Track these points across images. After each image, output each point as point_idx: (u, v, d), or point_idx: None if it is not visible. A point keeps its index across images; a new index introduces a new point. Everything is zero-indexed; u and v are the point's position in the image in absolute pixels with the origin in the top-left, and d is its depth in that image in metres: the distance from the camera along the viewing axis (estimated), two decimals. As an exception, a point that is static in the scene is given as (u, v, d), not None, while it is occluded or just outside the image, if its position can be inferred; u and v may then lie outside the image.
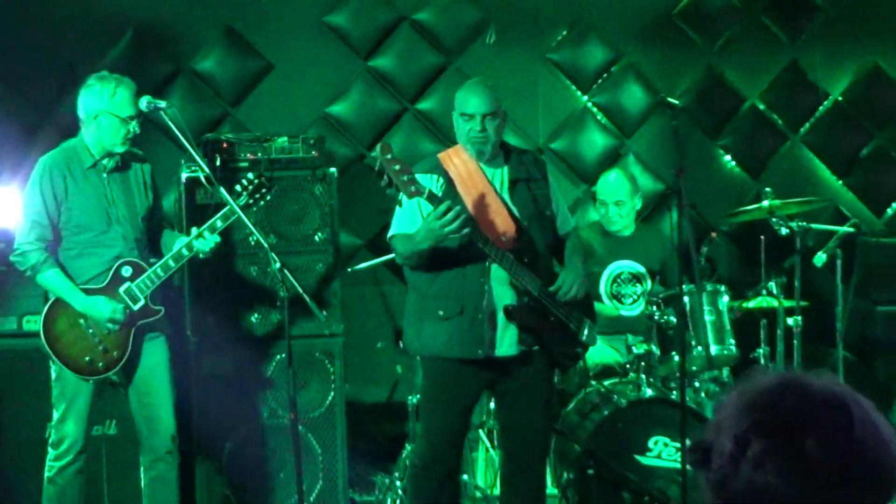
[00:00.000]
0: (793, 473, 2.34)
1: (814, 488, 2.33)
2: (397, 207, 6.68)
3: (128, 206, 7.15)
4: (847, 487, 2.35)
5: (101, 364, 7.03)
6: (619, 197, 8.65)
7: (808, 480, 2.34)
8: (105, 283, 7.02)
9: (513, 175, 6.82)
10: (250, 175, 7.23)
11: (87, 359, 7.02)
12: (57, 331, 7.01)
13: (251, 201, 7.13)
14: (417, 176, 6.39)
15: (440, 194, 6.46)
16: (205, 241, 6.98)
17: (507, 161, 6.86)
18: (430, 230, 6.34)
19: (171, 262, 7.04)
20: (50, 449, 7.14)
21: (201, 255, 7.03)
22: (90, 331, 7.01)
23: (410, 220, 6.59)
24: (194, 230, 7.04)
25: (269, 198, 7.33)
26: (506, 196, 6.76)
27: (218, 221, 7.00)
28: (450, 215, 6.23)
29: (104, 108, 6.98)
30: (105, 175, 7.11)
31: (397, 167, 6.23)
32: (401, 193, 6.30)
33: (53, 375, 7.10)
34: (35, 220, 6.98)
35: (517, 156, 6.95)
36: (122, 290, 7.02)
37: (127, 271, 7.04)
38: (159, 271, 7.04)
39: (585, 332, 6.93)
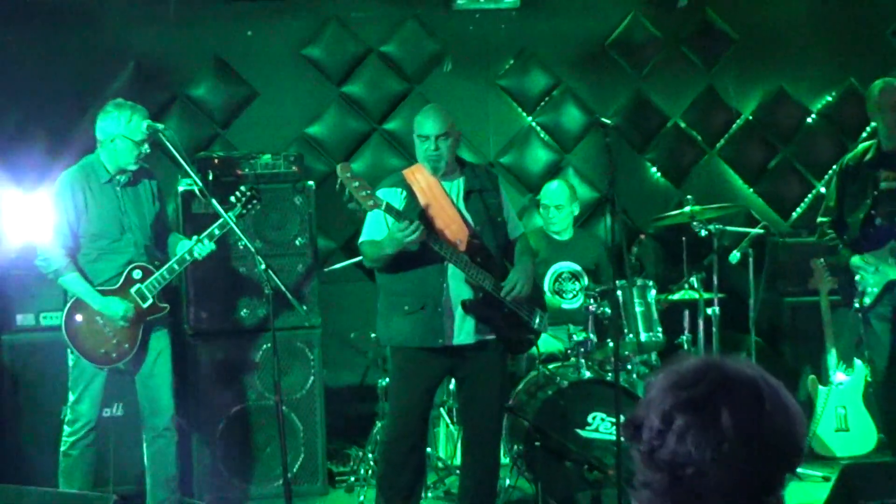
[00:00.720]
0: (711, 444, 2.34)
1: (729, 457, 2.34)
2: (367, 218, 6.73)
3: (138, 216, 7.18)
4: (758, 456, 2.36)
5: (114, 355, 7.05)
6: (559, 202, 8.68)
7: (724, 450, 2.34)
8: (118, 285, 7.04)
9: (467, 186, 6.85)
10: (243, 188, 7.27)
11: (102, 351, 7.04)
12: (76, 326, 7.02)
13: (244, 211, 7.17)
14: (382, 190, 6.54)
15: (403, 205, 6.55)
16: (203, 246, 7.02)
17: (463, 174, 6.88)
18: (394, 239, 6.43)
19: (175, 266, 7.08)
20: (66, 427, 7.14)
21: (199, 258, 7.07)
22: (105, 327, 7.02)
23: (378, 228, 6.65)
24: (194, 238, 7.05)
25: (259, 207, 7.34)
26: (461, 205, 6.79)
27: (215, 230, 7.03)
28: (410, 228, 6.32)
29: (120, 132, 7.02)
30: (119, 189, 7.13)
31: (356, 184, 6.35)
32: (361, 206, 6.38)
33: (71, 363, 7.11)
34: (59, 229, 7.00)
35: (471, 170, 6.98)
36: (132, 290, 7.04)
37: (137, 274, 7.07)
38: (165, 273, 7.07)
39: (537, 320, 6.97)
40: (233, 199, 7.17)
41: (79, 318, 7.03)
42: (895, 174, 7.87)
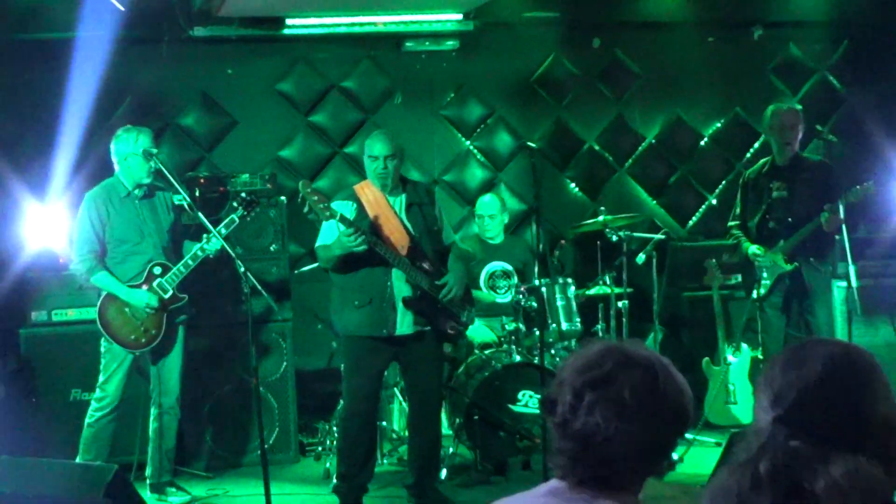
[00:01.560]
0: (615, 416, 2.37)
1: (630, 426, 2.37)
2: (321, 227, 6.78)
3: (155, 223, 7.23)
4: (654, 424, 2.39)
5: (143, 340, 7.11)
6: (491, 212, 8.70)
7: (627, 421, 2.37)
8: (142, 281, 7.08)
9: (408, 200, 6.90)
10: (243, 194, 7.34)
11: (132, 337, 7.07)
12: (108, 317, 7.06)
13: (245, 213, 7.22)
14: (336, 202, 6.57)
15: (354, 215, 6.60)
16: (214, 242, 7.04)
17: (405, 191, 6.92)
18: (342, 244, 6.49)
19: (190, 262, 7.14)
20: (94, 402, 7.17)
21: (211, 255, 7.12)
22: (133, 316, 7.06)
23: (330, 235, 6.69)
24: (205, 236, 7.07)
25: (258, 210, 7.40)
26: (403, 216, 6.84)
27: (222, 229, 7.05)
28: (356, 235, 6.40)
29: (131, 151, 7.06)
30: (137, 202, 7.18)
31: (315, 198, 6.42)
32: (319, 216, 6.44)
33: (103, 349, 7.13)
34: (86, 238, 7.06)
35: (412, 186, 7.03)
36: (154, 284, 7.09)
37: (157, 270, 7.13)
38: (181, 268, 7.13)
39: (465, 314, 7.04)
40: (235, 203, 7.24)
41: (110, 310, 7.05)
42: (785, 185, 7.94)
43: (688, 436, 7.32)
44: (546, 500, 2.44)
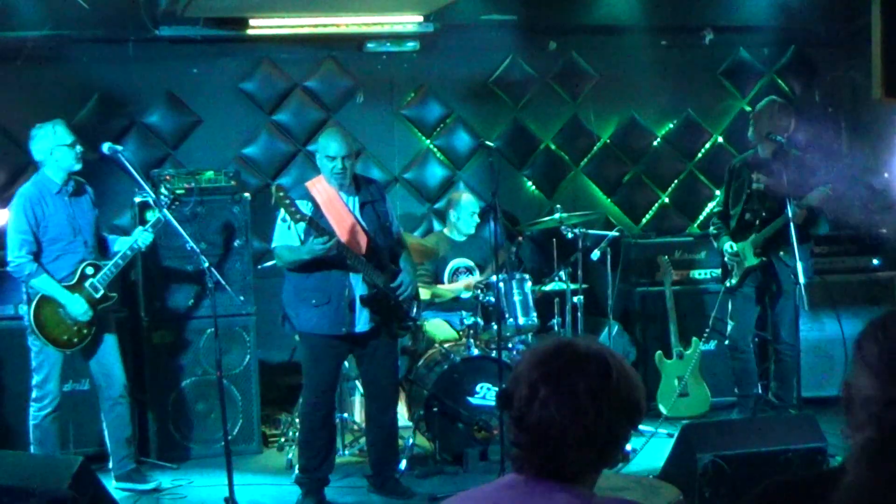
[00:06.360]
0: (569, 409, 2.36)
1: (585, 419, 2.36)
2: (276, 226, 6.74)
3: (85, 219, 7.13)
4: (607, 418, 2.38)
5: (75, 339, 7.02)
6: (474, 209, 8.76)
7: (580, 414, 2.36)
8: (74, 281, 6.99)
9: (362, 199, 6.91)
10: (164, 194, 7.26)
11: (65, 337, 7.00)
12: (43, 318, 6.96)
13: (173, 207, 7.13)
14: (298, 203, 6.49)
15: (311, 213, 6.56)
16: (145, 236, 7.04)
17: (358, 190, 6.90)
18: (312, 249, 6.51)
19: (120, 261, 7.08)
20: (33, 403, 7.08)
21: (143, 248, 7.09)
22: (66, 317, 6.98)
23: (287, 235, 6.66)
24: (138, 229, 7.06)
25: (187, 210, 7.42)
26: (357, 215, 6.85)
27: (150, 225, 7.06)
28: (329, 243, 6.44)
29: (55, 143, 6.97)
30: (68, 198, 7.06)
31: (287, 202, 6.40)
32: (289, 220, 6.42)
33: (36, 349, 7.04)
34: (24, 239, 6.92)
35: (365, 185, 7.02)
36: (87, 284, 7.00)
37: (89, 270, 7.05)
38: (112, 269, 7.06)
39: (414, 311, 7.11)
40: (163, 199, 7.12)
41: (45, 310, 6.96)
42: (765, 176, 7.97)
43: (641, 428, 7.33)
44: (503, 494, 2.44)
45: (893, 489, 1.97)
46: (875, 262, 9.23)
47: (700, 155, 10.28)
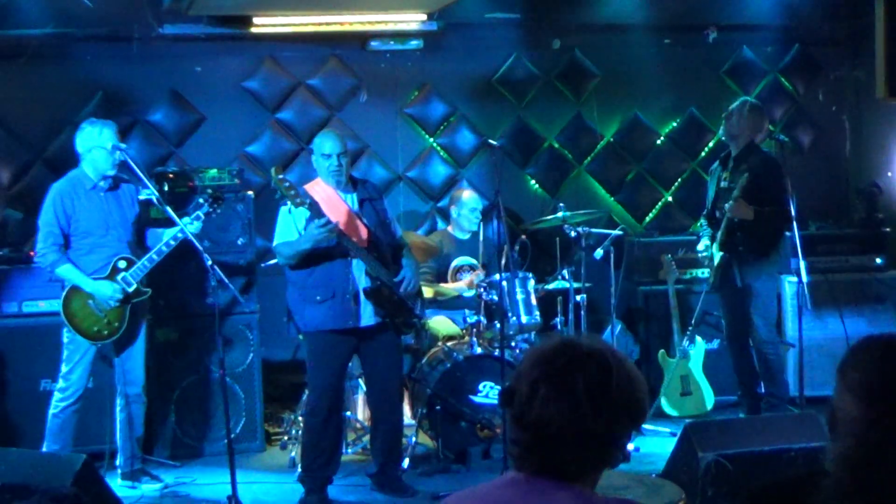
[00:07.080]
0: (569, 408, 2.36)
1: (584, 418, 2.36)
2: (277, 223, 6.76)
3: (120, 215, 7.17)
4: (607, 417, 2.38)
5: (105, 332, 7.04)
6: (477, 206, 8.84)
7: (579, 413, 2.36)
8: (107, 274, 7.01)
9: (360, 196, 6.94)
10: (209, 190, 7.33)
11: (95, 329, 7.01)
12: (73, 309, 6.99)
13: (210, 209, 7.17)
14: (297, 200, 6.47)
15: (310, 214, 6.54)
16: (195, 224, 7.04)
17: (355, 189, 6.92)
18: (311, 235, 6.48)
19: (155, 256, 7.06)
20: (57, 392, 7.10)
21: (186, 237, 6.89)
22: (97, 308, 6.98)
23: (288, 232, 6.69)
24: (184, 220, 7.00)
25: (222, 206, 7.35)
26: (357, 211, 6.84)
27: (191, 224, 7.02)
28: (329, 226, 6.40)
29: (95, 144, 6.99)
30: (102, 194, 7.10)
31: (286, 184, 6.42)
32: (289, 204, 6.40)
33: (66, 340, 7.06)
34: (50, 231, 6.97)
35: (361, 184, 7.05)
36: (118, 277, 7.01)
37: (122, 264, 7.06)
38: (146, 263, 7.06)
39: (418, 307, 7.07)
40: (200, 199, 7.18)
41: (74, 301, 6.97)
42: (729, 175, 8.00)
43: (644, 426, 7.32)
44: (505, 492, 2.44)
45: (872, 492, 2.08)
46: (878, 260, 9.21)
47: (703, 154, 10.26)
